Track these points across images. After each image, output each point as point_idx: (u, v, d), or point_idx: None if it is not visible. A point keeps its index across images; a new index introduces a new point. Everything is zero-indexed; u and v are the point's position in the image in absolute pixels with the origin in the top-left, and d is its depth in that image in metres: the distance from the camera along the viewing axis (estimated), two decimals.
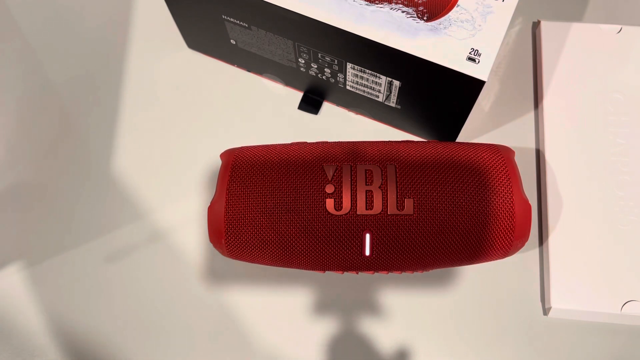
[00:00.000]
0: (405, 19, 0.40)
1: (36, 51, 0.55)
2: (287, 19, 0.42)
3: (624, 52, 0.50)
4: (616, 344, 0.44)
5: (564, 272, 0.44)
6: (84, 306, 0.47)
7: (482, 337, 0.45)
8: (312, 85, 0.50)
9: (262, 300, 0.46)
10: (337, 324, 0.45)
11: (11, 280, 0.47)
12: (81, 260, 0.48)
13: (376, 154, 0.39)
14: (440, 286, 0.46)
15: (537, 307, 0.45)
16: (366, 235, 0.38)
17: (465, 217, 0.38)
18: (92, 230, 0.49)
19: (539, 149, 0.49)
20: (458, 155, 0.39)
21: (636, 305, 0.43)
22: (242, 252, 0.40)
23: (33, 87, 0.54)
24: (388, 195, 0.38)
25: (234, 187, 0.39)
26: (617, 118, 0.48)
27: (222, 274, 0.47)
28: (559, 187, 0.47)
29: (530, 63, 0.53)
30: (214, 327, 0.46)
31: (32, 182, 0.50)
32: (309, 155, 0.40)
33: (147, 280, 0.47)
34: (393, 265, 0.39)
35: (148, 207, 0.49)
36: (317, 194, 0.38)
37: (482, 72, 0.38)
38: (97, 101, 0.53)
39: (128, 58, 0.54)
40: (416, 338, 0.45)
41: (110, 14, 0.56)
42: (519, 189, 0.39)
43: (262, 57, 0.49)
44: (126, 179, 0.50)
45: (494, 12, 0.40)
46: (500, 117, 0.51)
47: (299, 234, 0.38)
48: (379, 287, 0.46)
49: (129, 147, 0.51)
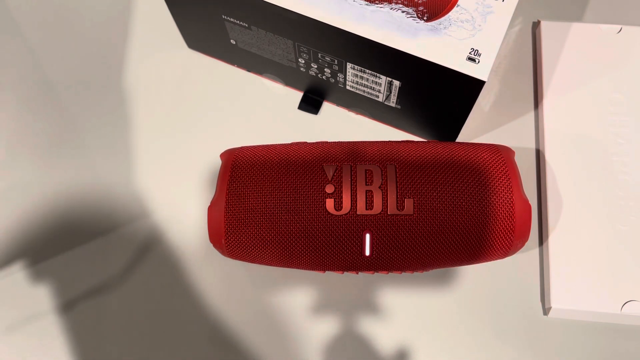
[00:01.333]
0: (405, 19, 0.40)
1: (36, 51, 0.55)
2: (287, 19, 0.42)
3: (624, 52, 0.50)
4: (616, 344, 0.44)
5: (564, 272, 0.44)
6: (84, 306, 0.47)
7: (482, 337, 0.45)
8: (312, 85, 0.50)
9: (262, 300, 0.46)
10: (337, 324, 0.45)
11: (11, 280, 0.47)
12: (81, 260, 0.48)
13: (376, 154, 0.39)
14: (440, 286, 0.46)
15: (537, 307, 0.45)
16: (366, 235, 0.38)
17: (465, 217, 0.38)
18: (92, 230, 0.49)
19: (539, 149, 0.49)
20: (458, 155, 0.39)
21: (636, 305, 0.43)
22: (242, 252, 0.40)
23: (33, 87, 0.54)
24: (388, 195, 0.38)
25: (234, 187, 0.39)
26: (617, 118, 0.48)
27: (222, 274, 0.47)
28: (559, 187, 0.47)
29: (530, 63, 0.53)
30: (213, 326, 0.46)
31: (32, 182, 0.50)
32: (309, 155, 0.40)
33: (147, 280, 0.47)
34: (393, 265, 0.39)
35: (148, 207, 0.49)
36: (317, 194, 0.38)
37: (482, 72, 0.38)
38: (97, 101, 0.53)
39: (128, 58, 0.54)
40: (416, 338, 0.45)
41: (110, 14, 0.56)
42: (519, 189, 0.39)
43: (262, 57, 0.49)
44: (126, 178, 0.50)
45: (494, 12, 0.40)
46: (500, 117, 0.51)
47: (299, 234, 0.38)
48: (379, 287, 0.46)
49: (128, 147, 0.51)
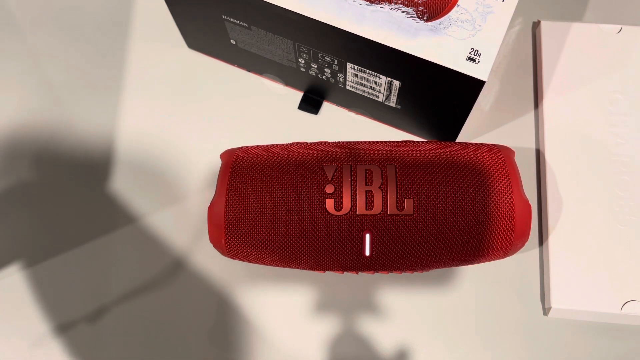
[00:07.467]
0: (405, 19, 0.40)
1: (36, 51, 0.55)
2: (287, 19, 0.42)
3: (624, 52, 0.50)
4: (616, 344, 0.44)
5: (564, 272, 0.44)
6: (84, 306, 0.47)
7: (482, 337, 0.45)
8: (312, 85, 0.50)
9: (262, 300, 0.46)
10: (337, 324, 0.45)
11: (11, 280, 0.47)
12: (81, 260, 0.48)
13: (376, 154, 0.39)
14: (440, 286, 0.46)
15: (537, 307, 0.45)
16: (366, 235, 0.38)
17: (465, 217, 0.38)
18: (92, 230, 0.49)
19: (539, 149, 0.49)
20: (458, 156, 0.39)
21: (636, 305, 0.43)
22: (242, 252, 0.40)
23: (33, 87, 0.54)
24: (388, 196, 0.38)
25: (234, 187, 0.39)
26: (617, 118, 0.48)
27: (222, 274, 0.47)
28: (559, 187, 0.47)
29: (530, 63, 0.53)
30: (213, 327, 0.46)
31: (32, 182, 0.50)
32: (309, 155, 0.40)
33: (146, 280, 0.47)
34: (393, 265, 0.39)
35: (148, 207, 0.49)
36: (317, 194, 0.38)
37: (482, 72, 0.38)
38: (97, 101, 0.53)
39: (128, 58, 0.54)
40: (416, 338, 0.45)
41: (110, 14, 0.56)
42: (519, 189, 0.39)
43: (262, 57, 0.49)
44: (126, 179, 0.50)
45: (494, 12, 0.40)
46: (500, 117, 0.51)
47: (299, 234, 0.38)
48: (379, 287, 0.46)
49: (129, 147, 0.51)
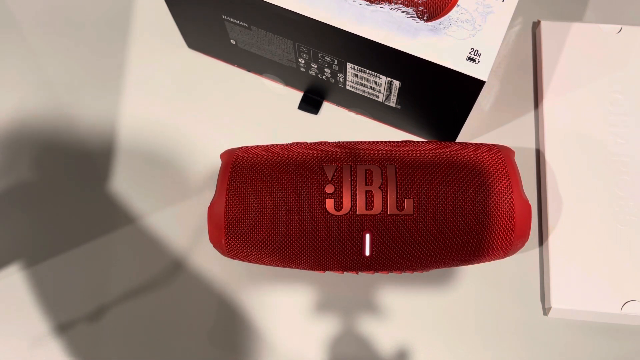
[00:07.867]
0: (405, 19, 0.40)
1: (36, 51, 0.55)
2: (287, 19, 0.42)
3: (624, 52, 0.50)
4: (616, 344, 0.44)
5: (564, 272, 0.44)
6: (84, 306, 0.47)
7: (482, 337, 0.45)
8: (312, 85, 0.50)
9: (262, 300, 0.46)
10: (337, 324, 0.45)
11: (11, 280, 0.47)
12: (81, 260, 0.48)
13: (376, 154, 0.39)
14: (440, 286, 0.46)
15: (537, 307, 0.45)
16: (366, 235, 0.38)
17: (465, 217, 0.38)
18: (92, 230, 0.49)
19: (539, 149, 0.49)
20: (458, 156, 0.39)
21: (636, 305, 0.43)
22: (242, 252, 0.40)
23: (33, 87, 0.54)
24: (388, 196, 0.38)
25: (234, 187, 0.39)
26: (617, 118, 0.48)
27: (222, 274, 0.47)
28: (559, 187, 0.47)
29: (530, 63, 0.53)
30: (213, 327, 0.46)
31: (32, 182, 0.50)
32: (309, 155, 0.40)
33: (146, 280, 0.47)
34: (393, 265, 0.39)
35: (148, 207, 0.49)
36: (317, 194, 0.38)
37: (482, 72, 0.38)
38: (96, 101, 0.53)
39: (128, 58, 0.54)
40: (416, 338, 0.45)
41: (110, 14, 0.56)
42: (519, 189, 0.39)
43: (262, 57, 0.49)
44: (126, 178, 0.50)
45: (494, 12, 0.40)
46: (500, 117, 0.51)
47: (299, 234, 0.38)
48: (379, 287, 0.46)
49: (128, 147, 0.51)
